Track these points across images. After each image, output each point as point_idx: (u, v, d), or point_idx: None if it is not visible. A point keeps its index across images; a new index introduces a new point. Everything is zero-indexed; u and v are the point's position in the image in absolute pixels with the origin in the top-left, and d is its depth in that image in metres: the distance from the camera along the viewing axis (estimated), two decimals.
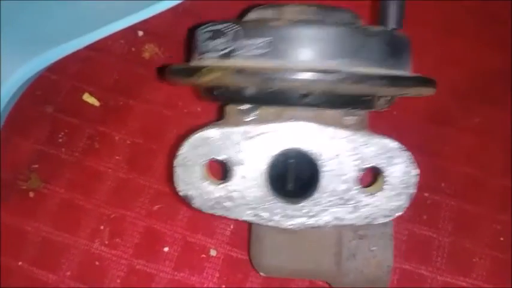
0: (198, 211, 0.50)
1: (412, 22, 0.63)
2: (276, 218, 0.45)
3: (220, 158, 0.44)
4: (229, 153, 0.44)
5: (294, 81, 0.41)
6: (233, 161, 0.44)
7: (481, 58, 0.65)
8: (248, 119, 0.45)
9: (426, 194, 0.59)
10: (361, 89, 0.42)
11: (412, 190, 0.44)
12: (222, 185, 0.45)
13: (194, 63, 0.47)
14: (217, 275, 0.56)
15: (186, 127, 0.60)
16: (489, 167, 0.60)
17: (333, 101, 0.44)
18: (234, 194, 0.45)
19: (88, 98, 0.62)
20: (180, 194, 0.45)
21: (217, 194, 0.45)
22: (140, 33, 0.65)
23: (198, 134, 0.44)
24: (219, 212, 0.45)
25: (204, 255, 0.57)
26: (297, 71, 0.41)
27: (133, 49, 0.64)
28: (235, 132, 0.44)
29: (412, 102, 0.56)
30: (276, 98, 0.44)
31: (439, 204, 0.59)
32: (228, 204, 0.45)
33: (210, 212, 0.45)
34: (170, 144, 0.60)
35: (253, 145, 0.44)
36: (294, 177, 0.48)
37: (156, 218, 0.58)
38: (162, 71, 0.50)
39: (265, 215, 0.45)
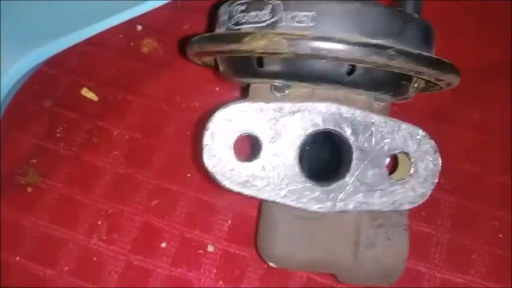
0: (197, 204, 0.50)
1: None
2: (305, 200, 0.45)
3: (253, 133, 0.44)
4: (263, 129, 0.44)
5: (349, 53, 0.40)
6: (265, 137, 0.44)
7: (480, 56, 0.65)
8: (280, 96, 0.45)
9: None
10: (409, 68, 0.42)
11: (436, 179, 0.45)
12: (252, 162, 0.44)
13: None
14: (214, 270, 0.56)
15: (184, 122, 0.61)
16: (488, 163, 0.61)
17: (373, 81, 0.44)
18: (265, 173, 0.44)
19: (86, 92, 0.62)
20: (209, 170, 0.44)
21: (247, 172, 0.44)
22: (139, 27, 0.65)
23: (232, 106, 0.44)
24: (248, 192, 0.45)
25: (201, 251, 0.57)
26: (353, 44, 0.41)
27: (131, 44, 0.65)
28: (269, 107, 0.44)
29: (413, 98, 0.56)
30: (314, 74, 0.44)
31: (438, 201, 0.59)
32: (258, 183, 0.44)
33: (239, 190, 0.44)
34: (168, 139, 0.61)
35: (286, 122, 0.44)
36: (308, 164, 0.48)
37: (154, 213, 0.58)
38: (187, 42, 0.49)
39: (294, 196, 0.45)
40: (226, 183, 0.44)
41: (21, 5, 0.58)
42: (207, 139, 0.44)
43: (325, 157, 0.49)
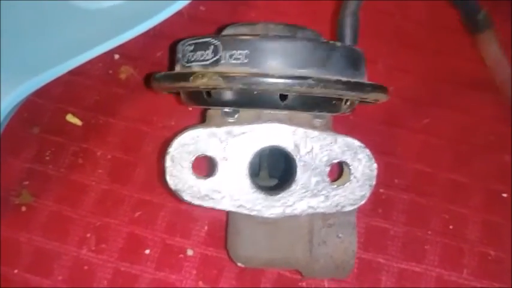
0: (176, 213, 0.55)
1: (367, 35, 0.69)
2: (258, 207, 0.50)
3: (207, 154, 0.50)
4: (215, 150, 0.49)
5: (274, 85, 0.47)
6: (218, 157, 0.49)
7: (429, 65, 0.70)
8: (230, 120, 0.51)
9: (381, 190, 0.64)
10: (329, 93, 0.48)
11: (373, 182, 0.51)
12: (209, 179, 0.50)
13: (181, 71, 0.52)
14: (194, 272, 0.60)
15: (161, 140, 0.65)
16: (438, 163, 0.66)
17: (305, 104, 0.50)
18: (220, 187, 0.50)
19: (71, 118, 0.66)
20: (172, 188, 0.50)
21: (205, 187, 0.50)
22: (116, 56, 0.69)
23: (187, 133, 0.49)
24: (207, 204, 0.50)
25: (182, 255, 0.61)
26: (277, 77, 0.47)
27: (110, 71, 0.69)
28: (220, 131, 0.49)
29: (367, 107, 0.62)
30: (255, 101, 0.50)
31: (393, 199, 0.64)
32: (215, 196, 0.50)
33: (199, 203, 0.50)
34: (147, 157, 0.65)
35: (236, 143, 0.49)
36: (268, 171, 0.55)
37: (137, 224, 0.62)
38: (150, 78, 0.55)
39: (248, 205, 0.50)
40: (188, 198, 0.50)
41: (14, 42, 0.63)
42: (167, 162, 0.50)
43: (281, 167, 0.55)
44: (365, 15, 0.70)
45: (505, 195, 0.64)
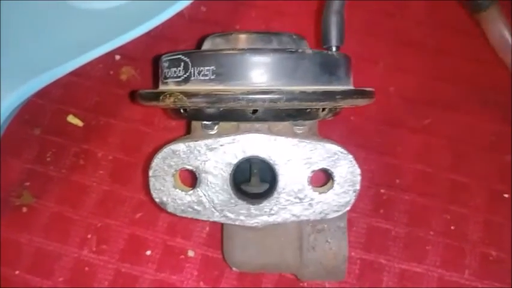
0: (175, 216, 0.55)
1: (367, 35, 0.69)
2: (241, 217, 0.50)
3: (188, 167, 0.50)
4: (196, 163, 0.49)
5: (237, 102, 0.46)
6: (199, 169, 0.49)
7: (429, 65, 0.70)
8: (211, 133, 0.51)
9: (382, 191, 0.64)
10: (295, 105, 0.47)
11: (357, 187, 0.50)
12: (191, 191, 0.50)
13: (160, 87, 0.53)
14: (195, 273, 0.61)
15: (162, 141, 0.63)
16: (438, 163, 0.65)
17: (277, 115, 0.50)
18: (203, 199, 0.50)
19: (72, 119, 0.66)
20: (156, 200, 0.50)
21: (187, 199, 0.50)
22: (117, 57, 0.69)
23: (167, 148, 0.50)
24: (190, 215, 0.50)
25: (183, 256, 0.61)
26: (239, 93, 0.46)
27: (111, 72, 0.69)
28: (199, 145, 0.49)
29: (368, 107, 0.61)
30: (230, 115, 0.50)
31: (394, 199, 0.64)
32: (198, 207, 0.50)
33: (183, 215, 0.50)
34: (148, 158, 0.65)
35: (215, 155, 0.49)
36: (260, 176, 0.55)
37: (138, 225, 0.62)
38: (134, 95, 0.56)
39: (231, 215, 0.50)
40: (171, 210, 0.51)
41: (15, 43, 0.63)
42: (151, 176, 0.50)
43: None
44: (365, 15, 0.71)
45: (506, 195, 0.64)
